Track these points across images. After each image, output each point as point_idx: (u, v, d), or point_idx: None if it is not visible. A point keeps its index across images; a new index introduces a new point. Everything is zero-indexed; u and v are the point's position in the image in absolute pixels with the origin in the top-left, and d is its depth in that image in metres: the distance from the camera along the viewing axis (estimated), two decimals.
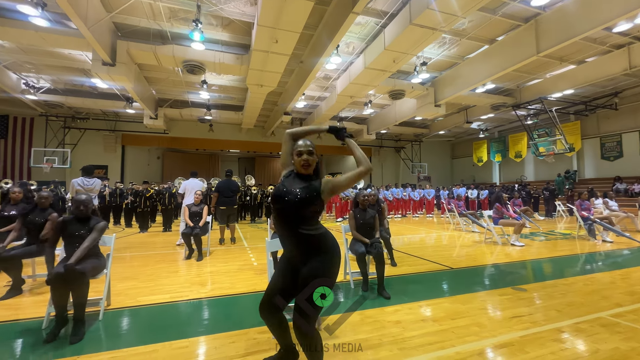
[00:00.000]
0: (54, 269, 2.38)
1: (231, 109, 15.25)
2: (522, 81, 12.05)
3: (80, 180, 5.26)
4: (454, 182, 21.44)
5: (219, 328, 2.56)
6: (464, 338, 2.34)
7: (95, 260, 2.69)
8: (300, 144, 1.78)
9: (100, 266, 2.73)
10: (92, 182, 5.36)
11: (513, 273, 4.29)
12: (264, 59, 8.04)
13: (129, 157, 17.28)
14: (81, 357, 2.09)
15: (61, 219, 2.67)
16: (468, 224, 8.72)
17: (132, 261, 5.02)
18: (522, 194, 12.99)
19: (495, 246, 6.15)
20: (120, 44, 8.32)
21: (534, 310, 2.88)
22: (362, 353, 2.12)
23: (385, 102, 14.67)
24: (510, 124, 18.03)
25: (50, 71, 10.95)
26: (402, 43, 7.36)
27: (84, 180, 5.27)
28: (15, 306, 3.07)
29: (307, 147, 1.76)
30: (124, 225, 9.84)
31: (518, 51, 8.32)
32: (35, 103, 13.29)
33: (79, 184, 5.23)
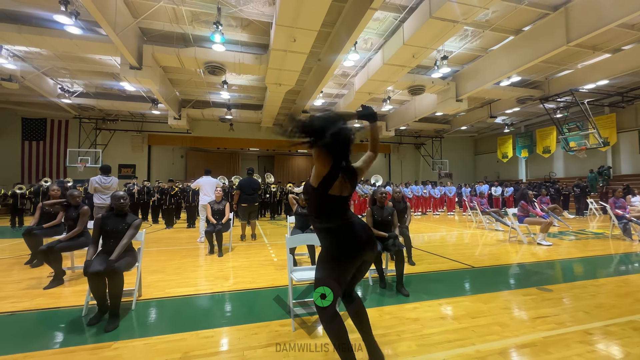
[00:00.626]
0: (92, 265, 2.57)
1: (251, 108, 15.56)
2: (550, 72, 11.47)
3: (99, 179, 5.45)
4: (477, 179, 20.76)
5: (241, 320, 2.67)
6: (484, 337, 2.31)
7: (129, 256, 2.88)
8: None
9: (133, 260, 2.91)
10: (110, 181, 5.54)
11: (539, 273, 4.14)
12: (282, 58, 8.14)
13: (155, 157, 18.05)
14: (117, 343, 2.26)
15: (100, 216, 2.87)
16: (491, 222, 8.46)
17: (159, 255, 5.28)
18: (551, 191, 12.41)
19: (520, 245, 5.94)
20: (146, 48, 8.70)
21: (560, 311, 2.78)
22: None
23: (405, 98, 14.43)
24: (537, 118, 17.21)
25: (83, 76, 11.63)
26: (422, 37, 7.22)
27: (101, 179, 5.45)
28: (57, 295, 3.34)
29: None
30: (151, 221, 10.32)
31: (546, 41, 7.92)
32: (69, 106, 14.17)
33: (97, 182, 5.42)
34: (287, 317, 2.65)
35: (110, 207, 2.94)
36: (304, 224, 4.53)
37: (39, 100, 13.30)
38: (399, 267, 3.31)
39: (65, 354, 2.12)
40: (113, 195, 2.92)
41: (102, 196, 5.42)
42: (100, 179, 5.45)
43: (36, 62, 10.24)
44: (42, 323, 2.68)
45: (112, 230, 2.82)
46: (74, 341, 2.30)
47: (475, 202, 8.93)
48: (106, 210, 2.95)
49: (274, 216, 12.17)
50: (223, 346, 2.24)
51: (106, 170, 5.60)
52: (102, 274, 2.52)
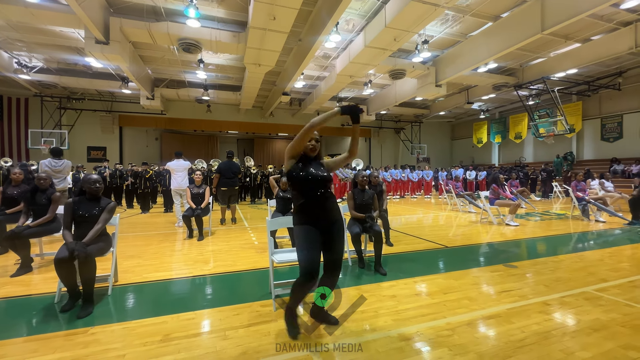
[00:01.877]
0: (57, 252, 2.46)
1: (229, 89, 15.01)
2: (525, 60, 11.83)
3: (48, 162, 5.15)
4: (453, 163, 21.48)
5: (223, 302, 2.70)
6: (454, 310, 2.47)
7: (102, 241, 2.77)
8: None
9: (106, 246, 2.82)
10: (61, 164, 5.26)
11: (506, 251, 4.43)
12: (261, 37, 7.84)
13: (127, 139, 17.18)
14: (94, 328, 2.22)
15: (71, 200, 2.73)
16: (465, 204, 8.86)
17: (135, 241, 5.15)
18: (520, 175, 13.08)
19: (491, 226, 6.29)
20: (113, 21, 8.07)
21: (523, 286, 3.02)
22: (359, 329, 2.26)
23: (386, 82, 14.44)
24: (511, 105, 17.86)
25: (43, 50, 10.66)
26: (404, 20, 7.17)
27: (52, 162, 5.16)
28: (27, 282, 3.20)
29: (315, 134, 2.10)
30: (126, 206, 9.96)
31: (522, 29, 8.11)
32: (28, 83, 13.03)
33: (47, 165, 5.11)
34: (268, 297, 2.70)
35: (82, 191, 2.80)
36: (284, 207, 4.54)
37: None
38: (378, 248, 3.43)
39: (39, 340, 2.07)
40: (86, 179, 2.78)
41: (54, 180, 5.12)
42: (50, 162, 5.13)
43: None
44: (13, 311, 2.57)
45: (84, 215, 2.69)
46: (48, 328, 2.24)
47: (451, 185, 9.28)
48: (77, 194, 2.81)
49: (254, 200, 12.08)
50: (205, 327, 2.27)
51: (57, 152, 5.25)
52: (68, 259, 2.42)
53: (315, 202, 2.02)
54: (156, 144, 18.40)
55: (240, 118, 18.06)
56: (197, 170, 5.94)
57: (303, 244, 1.97)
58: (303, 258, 1.94)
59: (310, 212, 2.03)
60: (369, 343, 2.02)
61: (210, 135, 19.77)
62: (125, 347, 1.99)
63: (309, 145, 2.09)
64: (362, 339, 2.07)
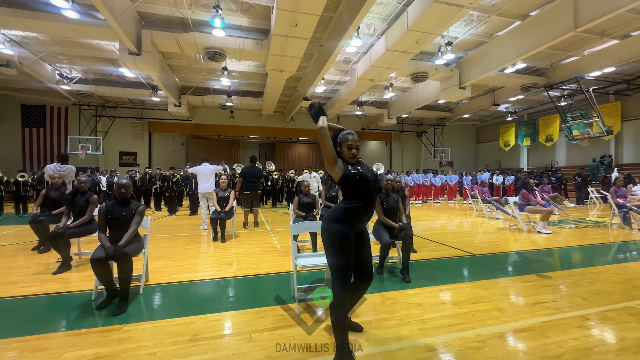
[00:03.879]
0: (94, 252, 2.62)
1: (251, 95, 15.39)
2: (556, 59, 11.27)
3: (54, 167, 5.31)
4: (479, 167, 20.74)
5: (247, 304, 2.74)
6: (484, 321, 2.37)
7: (137, 242, 2.93)
8: (349, 139, 2.02)
9: (140, 246, 2.96)
10: (66, 169, 5.39)
11: (538, 260, 4.21)
12: (283, 44, 8.00)
13: (156, 144, 17.99)
14: (128, 325, 2.33)
15: (104, 205, 2.89)
16: (492, 210, 8.52)
17: (163, 242, 5.36)
18: (552, 180, 12.42)
19: (520, 233, 6.00)
20: (145, 33, 8.54)
21: (558, 298, 2.85)
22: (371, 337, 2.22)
23: (407, 85, 14.24)
24: (541, 106, 17.03)
25: (81, 62, 11.45)
26: (426, 22, 7.06)
27: (57, 166, 5.31)
28: (67, 280, 3.41)
29: (356, 142, 2.04)
30: (154, 208, 10.40)
31: (553, 27, 7.75)
32: (68, 93, 14.02)
33: (52, 169, 5.27)
34: (291, 301, 2.72)
35: (114, 196, 2.97)
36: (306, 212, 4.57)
37: (38, 86, 13.15)
38: (406, 254, 3.37)
39: (78, 335, 2.19)
40: (116, 184, 2.94)
41: None
42: (55, 167, 5.33)
43: (34, 47, 10.07)
44: (53, 307, 2.75)
45: (116, 218, 2.85)
46: (86, 324, 2.37)
47: (477, 190, 8.96)
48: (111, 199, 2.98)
49: (275, 204, 12.23)
50: (231, 329, 2.31)
51: (63, 158, 5.50)
52: (104, 259, 2.57)
53: (366, 205, 1.96)
54: (182, 149, 19.12)
55: (262, 123, 18.43)
56: (222, 175, 6.12)
57: (339, 250, 1.90)
58: (339, 264, 1.87)
59: (355, 215, 1.95)
60: (394, 352, 1.98)
61: (233, 140, 20.29)
62: (156, 345, 2.07)
63: (350, 154, 2.01)
64: (388, 347, 2.03)
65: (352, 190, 1.97)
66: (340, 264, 1.89)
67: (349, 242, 1.91)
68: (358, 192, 1.95)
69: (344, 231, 1.92)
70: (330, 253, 1.93)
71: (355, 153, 2.03)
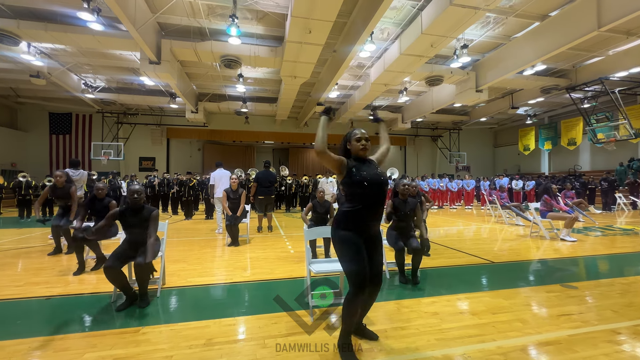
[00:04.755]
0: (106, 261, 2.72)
1: (266, 101, 15.61)
2: (578, 60, 10.87)
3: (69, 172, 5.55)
4: (496, 172, 20.18)
5: (261, 309, 2.74)
6: (505, 333, 2.28)
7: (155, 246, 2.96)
8: (357, 133, 2.03)
9: (157, 249, 3.01)
10: (78, 174, 5.65)
11: (562, 269, 4.02)
12: (297, 50, 8.09)
13: (173, 149, 18.50)
14: (145, 328, 2.37)
15: (118, 210, 2.97)
16: (511, 216, 8.24)
17: (179, 245, 5.46)
18: (576, 185, 11.91)
19: (543, 241, 5.76)
20: (164, 43, 8.85)
21: (585, 310, 2.70)
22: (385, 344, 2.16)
23: (422, 89, 14.08)
24: (563, 109, 16.43)
25: (105, 71, 11.98)
26: (441, 26, 6.98)
27: (69, 172, 5.49)
28: (88, 282, 3.52)
29: (364, 134, 2.03)
30: (171, 212, 10.65)
31: (575, 27, 7.49)
32: (92, 101, 14.67)
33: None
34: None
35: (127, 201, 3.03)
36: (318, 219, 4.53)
37: (65, 95, 13.83)
38: (416, 261, 3.30)
39: (97, 337, 2.25)
40: (128, 189, 3.01)
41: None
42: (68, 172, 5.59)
43: (61, 58, 10.62)
44: (75, 308, 2.83)
45: (131, 225, 2.91)
46: (104, 326, 2.43)
47: (495, 195, 8.69)
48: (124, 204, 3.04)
49: (289, 208, 12.28)
50: (245, 334, 2.32)
51: (75, 164, 5.76)
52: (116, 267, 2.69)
53: (371, 209, 1.92)
54: (199, 154, 19.58)
55: (276, 128, 18.65)
56: (232, 175, 6.07)
57: (351, 255, 1.88)
58: (354, 270, 1.85)
59: (361, 219, 1.91)
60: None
61: (247, 146, 20.61)
62: (172, 348, 2.09)
63: (359, 145, 2.00)
64: (404, 357, 1.97)
65: (351, 192, 1.93)
66: (352, 269, 1.87)
67: (357, 247, 1.88)
68: (356, 195, 1.91)
69: (350, 237, 1.90)
70: (341, 259, 1.93)
71: (365, 144, 2.00)
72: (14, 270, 3.93)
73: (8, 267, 4.06)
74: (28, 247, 5.38)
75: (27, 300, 2.98)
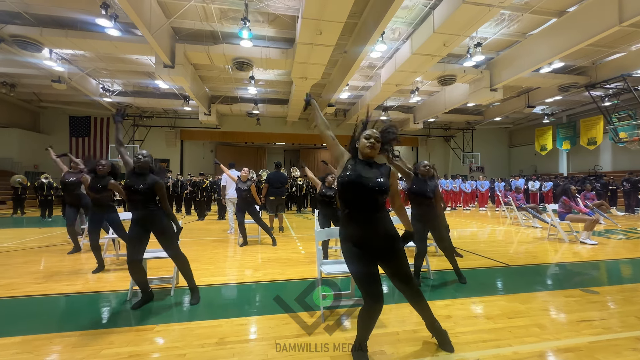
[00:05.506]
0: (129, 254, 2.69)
1: (277, 102, 15.74)
2: (598, 57, 10.49)
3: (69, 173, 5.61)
4: (512, 172, 19.69)
5: (272, 310, 2.75)
6: (522, 338, 2.21)
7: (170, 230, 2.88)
8: (369, 131, 1.94)
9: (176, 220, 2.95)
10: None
11: (582, 274, 3.87)
12: (308, 52, 8.13)
13: (187, 151, 18.87)
14: (159, 326, 2.42)
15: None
16: (528, 218, 8.02)
17: (192, 245, 5.56)
18: (596, 186, 11.49)
19: (561, 244, 5.58)
20: (178, 47, 9.04)
21: (607, 316, 2.59)
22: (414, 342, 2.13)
23: (434, 88, 13.89)
24: (582, 107, 15.89)
25: (122, 75, 12.34)
26: (454, 24, 6.88)
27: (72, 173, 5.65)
28: (105, 280, 3.62)
29: (375, 133, 1.92)
30: (184, 213, 10.85)
31: (595, 22, 7.24)
32: (110, 104, 15.11)
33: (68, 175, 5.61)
34: (316, 308, 2.69)
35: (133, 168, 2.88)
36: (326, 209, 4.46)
37: (84, 99, 14.32)
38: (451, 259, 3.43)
39: (113, 334, 2.31)
40: (135, 155, 2.89)
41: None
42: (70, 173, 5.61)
43: (81, 64, 11.01)
44: (93, 305, 2.92)
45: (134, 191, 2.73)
46: (121, 323, 2.50)
47: (510, 197, 8.48)
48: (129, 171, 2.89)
49: (300, 209, 12.32)
50: (256, 334, 2.33)
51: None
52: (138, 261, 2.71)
53: (351, 214, 1.82)
54: (211, 156, 19.88)
55: (287, 130, 18.76)
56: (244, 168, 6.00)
57: (349, 258, 1.84)
58: (357, 282, 1.81)
59: (351, 226, 1.83)
60: None
61: (259, 147, 20.80)
62: (185, 346, 2.13)
63: (367, 142, 1.87)
64: None
65: (339, 191, 1.87)
66: (354, 271, 1.83)
67: (355, 250, 1.82)
68: (343, 198, 1.86)
69: (348, 249, 1.85)
70: (345, 261, 1.88)
71: (373, 144, 1.86)
72: (37, 268, 4.08)
73: (30, 265, 4.22)
74: (49, 245, 5.59)
75: (48, 297, 3.09)
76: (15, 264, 4.26)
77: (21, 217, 10.30)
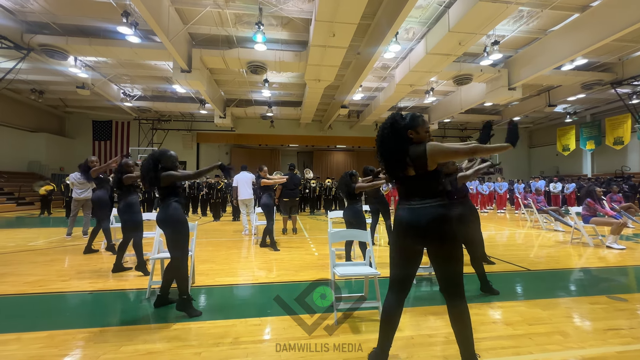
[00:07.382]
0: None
1: (290, 105, 15.87)
2: (625, 52, 10.02)
3: (76, 175, 5.94)
4: (532, 174, 19.03)
5: (285, 311, 2.76)
6: (544, 346, 2.12)
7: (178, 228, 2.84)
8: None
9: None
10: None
11: (609, 280, 3.69)
12: (321, 54, 8.16)
13: (203, 153, 19.31)
14: (176, 324, 2.47)
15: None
16: (549, 221, 7.72)
17: (208, 246, 5.66)
18: (624, 187, 10.94)
19: (585, 248, 5.34)
20: (195, 52, 9.28)
21: (637, 324, 2.45)
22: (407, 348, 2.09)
23: (449, 88, 13.64)
24: (607, 105, 15.19)
25: (141, 81, 12.78)
26: (470, 22, 6.74)
27: (77, 175, 5.90)
28: (125, 278, 3.74)
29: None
30: (200, 214, 11.08)
31: (621, 16, 6.92)
32: (130, 109, 15.69)
33: (74, 178, 6.00)
34: (330, 310, 2.68)
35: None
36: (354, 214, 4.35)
37: (106, 104, 14.92)
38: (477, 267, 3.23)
39: (132, 331, 2.38)
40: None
41: (78, 190, 6.04)
42: (76, 175, 5.90)
43: (103, 70, 11.48)
44: (113, 302, 3.03)
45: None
46: (139, 320, 2.57)
47: (531, 199, 8.19)
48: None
49: (313, 211, 12.34)
50: (270, 334, 2.34)
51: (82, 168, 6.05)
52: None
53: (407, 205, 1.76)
54: (226, 158, 20.26)
55: (301, 132, 18.87)
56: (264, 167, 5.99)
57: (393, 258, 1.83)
58: (390, 272, 1.83)
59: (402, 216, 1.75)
60: None
61: (273, 149, 21.02)
62: (200, 345, 2.16)
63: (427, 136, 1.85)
64: None
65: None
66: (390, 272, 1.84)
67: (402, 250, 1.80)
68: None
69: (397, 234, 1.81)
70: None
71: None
72: (61, 266, 4.27)
73: (56, 263, 4.41)
74: (74, 244, 5.82)
75: (71, 294, 3.22)
76: (43, 262, 4.46)
77: (48, 217, 10.79)
